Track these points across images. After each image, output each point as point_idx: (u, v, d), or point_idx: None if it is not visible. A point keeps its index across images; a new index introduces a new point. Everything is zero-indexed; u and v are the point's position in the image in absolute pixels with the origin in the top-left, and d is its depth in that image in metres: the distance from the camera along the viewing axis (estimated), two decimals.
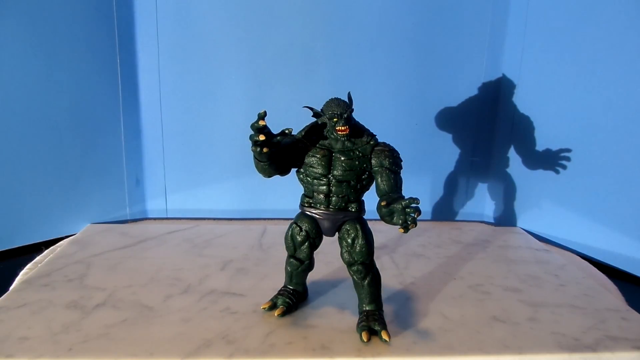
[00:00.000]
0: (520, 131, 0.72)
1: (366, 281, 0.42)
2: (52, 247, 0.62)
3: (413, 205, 0.36)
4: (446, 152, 0.76)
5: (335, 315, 0.45)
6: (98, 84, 0.66)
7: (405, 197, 0.37)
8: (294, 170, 0.44)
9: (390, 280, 0.53)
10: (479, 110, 0.74)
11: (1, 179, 0.61)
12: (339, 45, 0.70)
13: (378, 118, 0.72)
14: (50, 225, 0.66)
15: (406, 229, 0.36)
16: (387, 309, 0.46)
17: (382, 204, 0.37)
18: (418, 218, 0.36)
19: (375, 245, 0.43)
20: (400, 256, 0.60)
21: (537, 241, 0.69)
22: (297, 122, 0.46)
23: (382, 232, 0.47)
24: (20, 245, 0.63)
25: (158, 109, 0.70)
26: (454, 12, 0.69)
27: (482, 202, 0.77)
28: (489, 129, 0.74)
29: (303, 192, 0.44)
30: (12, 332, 0.40)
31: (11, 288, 0.50)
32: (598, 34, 0.62)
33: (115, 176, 0.71)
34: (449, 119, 0.74)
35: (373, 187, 0.42)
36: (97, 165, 0.69)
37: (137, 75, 0.69)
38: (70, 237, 0.65)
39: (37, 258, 0.58)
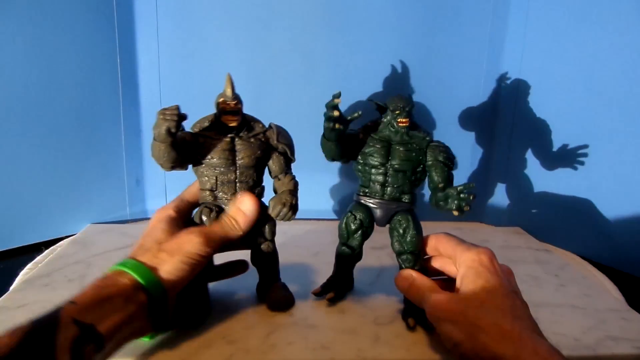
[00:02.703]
0: (520, 131, 0.72)
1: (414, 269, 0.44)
2: (52, 247, 0.62)
3: (467, 189, 0.41)
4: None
5: (336, 316, 0.45)
6: (98, 83, 0.66)
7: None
8: (295, 172, 0.45)
9: (391, 280, 0.53)
10: (479, 110, 0.74)
11: (1, 179, 0.61)
12: (339, 46, 0.70)
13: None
14: (50, 225, 0.66)
15: (461, 211, 0.41)
16: (390, 309, 0.46)
17: (440, 186, 0.43)
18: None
19: (377, 245, 0.44)
20: None
21: (537, 241, 0.69)
22: (297, 121, 0.46)
23: (383, 232, 0.47)
24: (21, 245, 0.63)
25: (158, 109, 0.70)
26: (454, 12, 0.69)
27: (482, 202, 0.77)
28: (489, 129, 0.74)
29: (359, 182, 0.47)
30: None
31: (11, 288, 0.50)
32: (598, 33, 0.62)
33: (115, 176, 0.71)
34: (449, 119, 0.74)
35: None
36: (97, 165, 0.68)
37: (137, 75, 0.69)
38: (71, 237, 0.65)
39: (38, 258, 0.58)
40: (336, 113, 0.41)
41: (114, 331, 0.32)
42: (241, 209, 0.42)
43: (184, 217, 0.43)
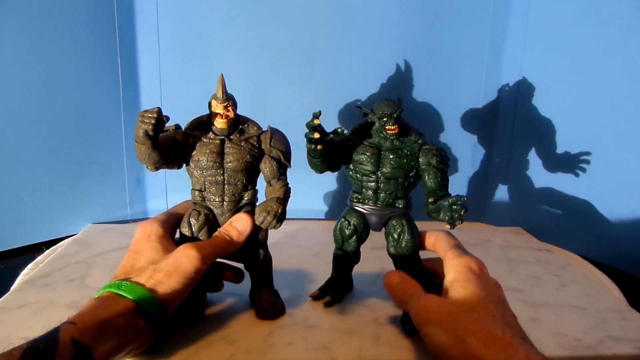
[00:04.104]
0: (521, 131, 0.72)
1: (411, 274, 0.43)
2: (53, 247, 0.62)
3: (460, 202, 0.39)
4: (447, 152, 0.76)
5: (336, 316, 0.45)
6: (99, 84, 0.66)
7: (452, 195, 0.40)
8: (295, 172, 0.45)
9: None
10: (480, 110, 0.74)
11: (2, 179, 0.61)
12: (339, 46, 0.70)
13: None
14: (51, 226, 0.66)
15: (452, 224, 0.40)
16: (390, 309, 0.46)
17: (430, 200, 0.41)
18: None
19: (377, 245, 0.43)
20: None
21: (538, 241, 0.69)
22: (296, 122, 0.46)
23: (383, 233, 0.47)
24: (21, 246, 0.63)
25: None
26: (455, 13, 0.69)
27: (483, 202, 0.77)
28: (490, 129, 0.74)
29: (352, 188, 0.46)
30: (13, 333, 0.40)
31: (12, 288, 0.50)
32: (599, 34, 0.62)
33: (116, 176, 0.71)
34: (449, 120, 0.74)
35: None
36: (98, 165, 0.69)
37: (138, 75, 0.69)
38: (71, 237, 0.65)
39: (38, 258, 0.58)
40: (316, 135, 0.40)
41: (107, 357, 0.32)
42: (234, 226, 0.42)
43: (170, 234, 0.43)
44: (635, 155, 0.61)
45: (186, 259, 0.38)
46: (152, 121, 0.38)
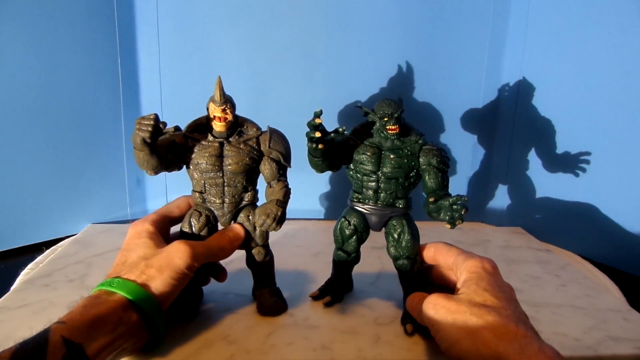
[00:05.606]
0: (521, 131, 0.72)
1: (411, 275, 0.44)
2: (53, 247, 0.62)
3: (460, 202, 0.39)
4: (447, 152, 0.76)
5: (336, 316, 0.45)
6: (99, 84, 0.66)
7: (452, 195, 0.40)
8: (295, 172, 0.45)
9: (392, 280, 0.53)
10: (480, 110, 0.74)
11: (2, 179, 0.61)
12: (339, 46, 0.70)
13: None
14: (51, 226, 0.66)
15: (453, 224, 0.40)
16: (390, 309, 0.46)
17: (430, 200, 0.41)
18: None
19: (377, 245, 0.43)
20: None
21: (538, 241, 0.69)
22: (296, 122, 0.45)
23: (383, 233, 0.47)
24: (21, 246, 0.63)
25: (159, 109, 0.70)
26: (455, 13, 0.69)
27: (483, 202, 0.77)
28: (490, 129, 0.74)
29: (352, 187, 0.46)
30: (13, 333, 0.40)
31: (12, 288, 0.50)
32: (599, 34, 0.62)
33: (116, 176, 0.71)
34: (449, 119, 0.74)
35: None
36: (98, 165, 0.69)
37: (138, 75, 0.69)
38: (71, 237, 0.65)
39: (38, 258, 0.58)
40: (317, 134, 0.40)
41: (101, 354, 0.32)
42: (227, 234, 0.43)
43: (162, 232, 0.43)
44: (635, 155, 0.61)
45: (179, 254, 0.38)
46: (149, 129, 0.38)
